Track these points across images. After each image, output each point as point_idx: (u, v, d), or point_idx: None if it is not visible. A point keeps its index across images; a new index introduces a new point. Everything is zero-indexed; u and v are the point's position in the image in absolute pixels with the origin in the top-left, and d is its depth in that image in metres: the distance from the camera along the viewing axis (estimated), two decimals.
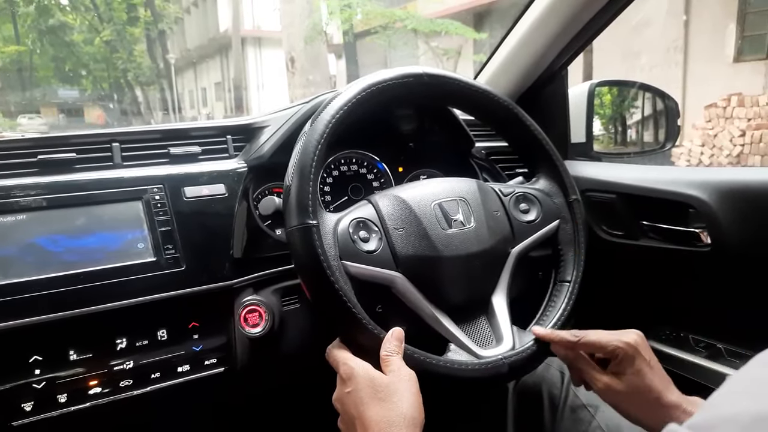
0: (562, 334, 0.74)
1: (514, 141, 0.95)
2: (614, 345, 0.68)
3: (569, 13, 1.07)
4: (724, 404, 0.34)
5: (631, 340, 0.69)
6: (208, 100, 23.85)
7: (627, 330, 0.71)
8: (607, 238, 1.15)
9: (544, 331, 0.76)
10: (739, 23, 7.57)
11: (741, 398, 0.34)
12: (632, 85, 1.53)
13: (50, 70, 18.29)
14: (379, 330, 0.68)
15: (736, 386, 0.36)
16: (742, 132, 6.53)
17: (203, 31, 22.33)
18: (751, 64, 7.45)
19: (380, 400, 0.60)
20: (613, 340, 0.69)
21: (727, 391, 0.35)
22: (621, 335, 0.70)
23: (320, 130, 0.73)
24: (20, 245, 0.75)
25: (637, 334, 0.70)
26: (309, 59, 7.98)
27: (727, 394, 0.35)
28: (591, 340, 0.71)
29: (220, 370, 0.86)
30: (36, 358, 0.74)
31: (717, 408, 0.34)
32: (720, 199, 0.93)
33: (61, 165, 0.85)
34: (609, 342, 0.69)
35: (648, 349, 0.70)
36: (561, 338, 0.73)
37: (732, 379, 0.37)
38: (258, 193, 0.97)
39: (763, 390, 0.33)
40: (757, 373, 0.36)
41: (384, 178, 1.09)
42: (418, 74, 0.82)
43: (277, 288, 0.92)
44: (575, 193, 0.90)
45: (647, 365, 0.68)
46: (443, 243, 0.77)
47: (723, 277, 0.99)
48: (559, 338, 0.74)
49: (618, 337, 0.69)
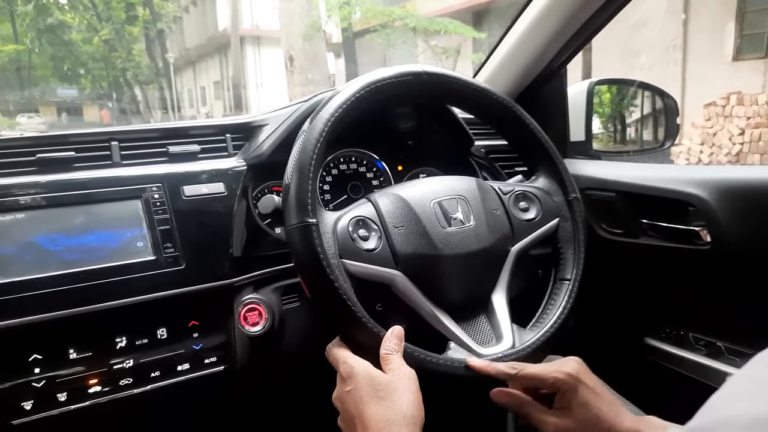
0: (500, 366, 0.68)
1: (514, 139, 0.95)
2: (553, 377, 0.64)
3: (568, 12, 1.07)
4: (724, 406, 0.34)
5: (571, 369, 0.65)
6: (207, 98, 23.83)
7: (566, 359, 0.68)
8: (607, 237, 1.15)
9: (480, 362, 0.69)
10: (738, 22, 7.58)
11: (740, 400, 0.33)
12: (631, 84, 1.53)
13: (49, 69, 18.29)
14: (378, 328, 0.68)
15: (735, 388, 0.35)
16: (741, 130, 6.54)
17: (202, 30, 22.31)
18: (750, 62, 7.46)
19: (380, 398, 0.60)
20: (552, 371, 0.65)
21: (727, 393, 0.35)
22: (560, 365, 0.66)
23: (319, 128, 0.73)
24: (19, 244, 0.75)
25: (576, 361, 0.67)
26: (308, 58, 7.97)
27: (726, 396, 0.35)
28: (529, 372, 0.66)
29: (220, 368, 0.86)
30: (36, 356, 0.74)
31: (717, 410, 0.34)
32: (719, 198, 0.93)
33: (60, 164, 0.85)
34: (548, 374, 0.65)
35: (590, 375, 0.66)
36: (498, 371, 0.68)
37: (732, 380, 0.36)
38: (257, 192, 0.97)
39: (763, 391, 0.33)
40: (757, 373, 0.36)
41: (383, 177, 1.09)
42: (417, 73, 0.82)
43: (276, 286, 0.92)
44: (575, 191, 0.90)
45: (592, 393, 0.64)
46: (443, 241, 0.77)
47: (723, 275, 0.99)
48: (496, 371, 0.68)
49: (557, 368, 0.65)
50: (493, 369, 0.68)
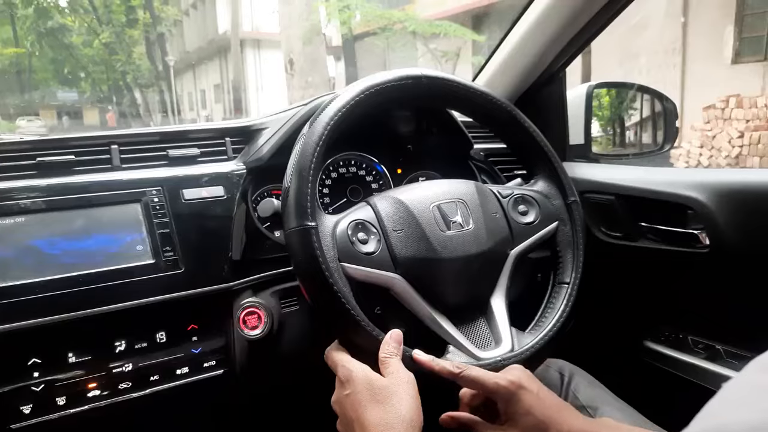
0: (444, 363, 0.67)
1: (513, 143, 0.95)
2: (494, 381, 0.64)
3: (567, 15, 1.07)
4: (720, 413, 0.34)
5: (513, 376, 0.64)
6: (207, 102, 23.84)
7: (510, 367, 0.68)
8: (606, 240, 1.15)
9: (425, 358, 0.68)
10: (737, 25, 7.59)
11: (737, 407, 0.34)
12: (630, 87, 1.54)
13: (49, 73, 18.31)
14: (377, 332, 0.68)
15: (732, 394, 0.36)
16: (740, 133, 6.54)
17: (202, 33, 22.33)
18: (750, 65, 7.47)
19: (379, 402, 0.60)
20: (493, 376, 0.64)
21: (723, 399, 0.35)
22: (504, 372, 0.66)
23: (319, 132, 0.73)
24: (19, 248, 0.75)
25: (519, 369, 0.67)
26: (308, 61, 7.98)
27: (722, 403, 0.35)
28: (472, 374, 0.65)
29: (219, 372, 0.86)
30: (35, 360, 0.74)
31: (713, 417, 0.34)
32: (718, 201, 0.93)
33: (60, 167, 0.85)
34: (489, 378, 0.64)
35: (534, 381, 0.65)
36: (442, 368, 0.66)
37: (728, 386, 0.36)
38: (256, 195, 0.97)
39: (759, 399, 0.33)
40: (753, 380, 0.36)
41: (382, 180, 1.09)
42: (417, 76, 0.82)
43: (275, 290, 0.92)
44: (574, 194, 0.90)
45: (535, 398, 0.63)
46: (442, 245, 0.77)
47: (722, 278, 0.99)
48: (440, 368, 0.67)
49: (501, 374, 0.65)
50: (437, 365, 0.67)
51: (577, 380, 0.89)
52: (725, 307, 1.02)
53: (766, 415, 0.30)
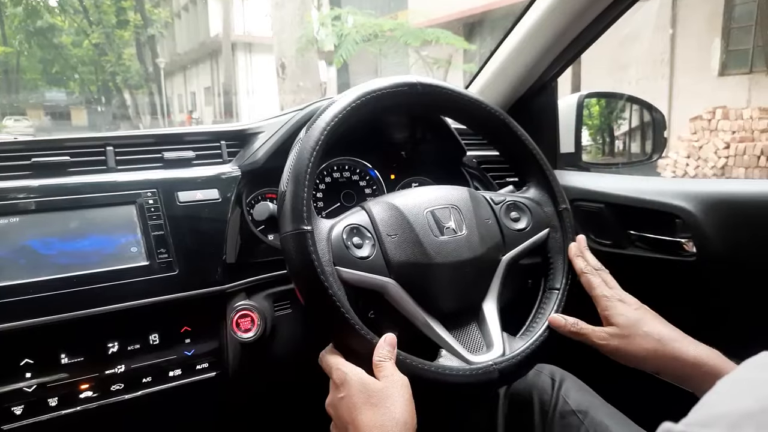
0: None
1: (505, 150, 0.96)
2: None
3: (560, 27, 1.09)
4: (717, 403, 0.37)
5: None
6: (197, 104, 23.74)
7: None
8: (596, 247, 1.17)
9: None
10: (724, 38, 7.72)
11: (732, 397, 0.37)
12: (620, 97, 1.56)
13: (37, 72, 18.16)
14: (372, 335, 0.68)
15: (728, 387, 0.39)
16: (726, 144, 6.64)
17: (193, 36, 22.28)
18: (736, 77, 7.61)
19: (373, 405, 0.60)
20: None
21: (720, 391, 0.38)
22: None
23: (315, 137, 0.73)
24: (13, 248, 0.75)
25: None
26: (299, 66, 7.97)
27: (719, 394, 0.38)
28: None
29: (211, 374, 0.86)
30: (27, 361, 0.74)
31: (710, 407, 0.37)
32: (705, 210, 0.95)
33: (55, 168, 0.85)
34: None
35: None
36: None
37: (724, 380, 0.39)
38: (251, 199, 0.97)
39: (752, 389, 0.36)
40: (746, 375, 0.39)
41: (376, 186, 1.10)
42: (412, 83, 0.83)
43: (269, 293, 0.92)
44: (565, 202, 0.91)
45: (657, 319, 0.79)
46: (435, 250, 0.77)
47: (708, 285, 1.01)
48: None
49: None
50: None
51: (568, 385, 0.90)
52: (711, 313, 1.03)
53: (759, 402, 0.33)
